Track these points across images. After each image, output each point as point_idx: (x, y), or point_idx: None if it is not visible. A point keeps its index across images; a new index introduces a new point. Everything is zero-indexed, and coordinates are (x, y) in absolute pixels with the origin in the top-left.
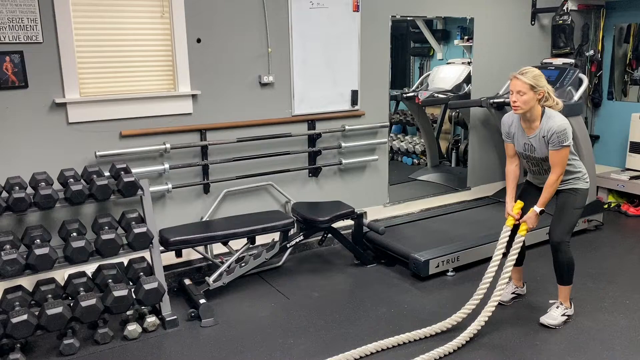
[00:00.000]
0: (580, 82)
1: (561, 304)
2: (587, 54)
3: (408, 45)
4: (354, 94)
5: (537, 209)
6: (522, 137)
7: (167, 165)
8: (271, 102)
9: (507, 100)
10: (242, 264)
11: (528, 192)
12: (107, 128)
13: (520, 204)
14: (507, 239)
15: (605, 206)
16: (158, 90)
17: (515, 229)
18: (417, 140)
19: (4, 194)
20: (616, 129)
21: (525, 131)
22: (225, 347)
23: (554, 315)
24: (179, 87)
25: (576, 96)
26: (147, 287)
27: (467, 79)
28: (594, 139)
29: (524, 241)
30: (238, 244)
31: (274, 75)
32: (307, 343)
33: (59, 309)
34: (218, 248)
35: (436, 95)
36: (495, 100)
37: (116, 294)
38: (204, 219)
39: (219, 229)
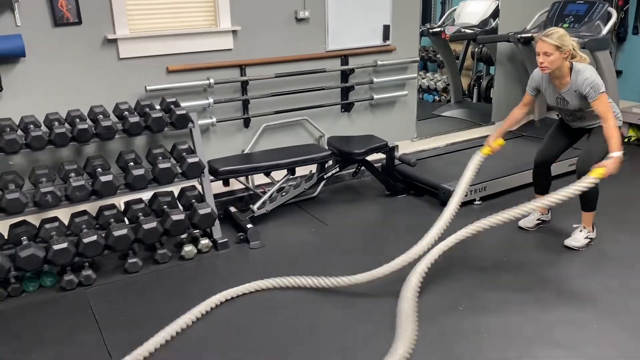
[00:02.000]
0: (609, 16)
1: (584, 227)
2: None
3: None
4: (386, 29)
5: (617, 153)
6: (554, 92)
7: (211, 100)
8: (306, 37)
9: (535, 34)
10: (283, 194)
11: (561, 130)
12: (154, 63)
13: (502, 142)
14: (476, 163)
15: (625, 140)
16: (201, 26)
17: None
18: (439, 77)
19: (67, 126)
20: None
21: (556, 87)
22: (275, 265)
23: (578, 238)
24: (220, 23)
25: (604, 30)
26: (201, 212)
27: (494, 14)
28: (617, 73)
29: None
30: (278, 175)
31: (309, 10)
32: (349, 261)
33: (124, 231)
34: (258, 179)
35: (463, 30)
36: (523, 35)
37: (174, 217)
38: (245, 152)
39: (262, 161)
